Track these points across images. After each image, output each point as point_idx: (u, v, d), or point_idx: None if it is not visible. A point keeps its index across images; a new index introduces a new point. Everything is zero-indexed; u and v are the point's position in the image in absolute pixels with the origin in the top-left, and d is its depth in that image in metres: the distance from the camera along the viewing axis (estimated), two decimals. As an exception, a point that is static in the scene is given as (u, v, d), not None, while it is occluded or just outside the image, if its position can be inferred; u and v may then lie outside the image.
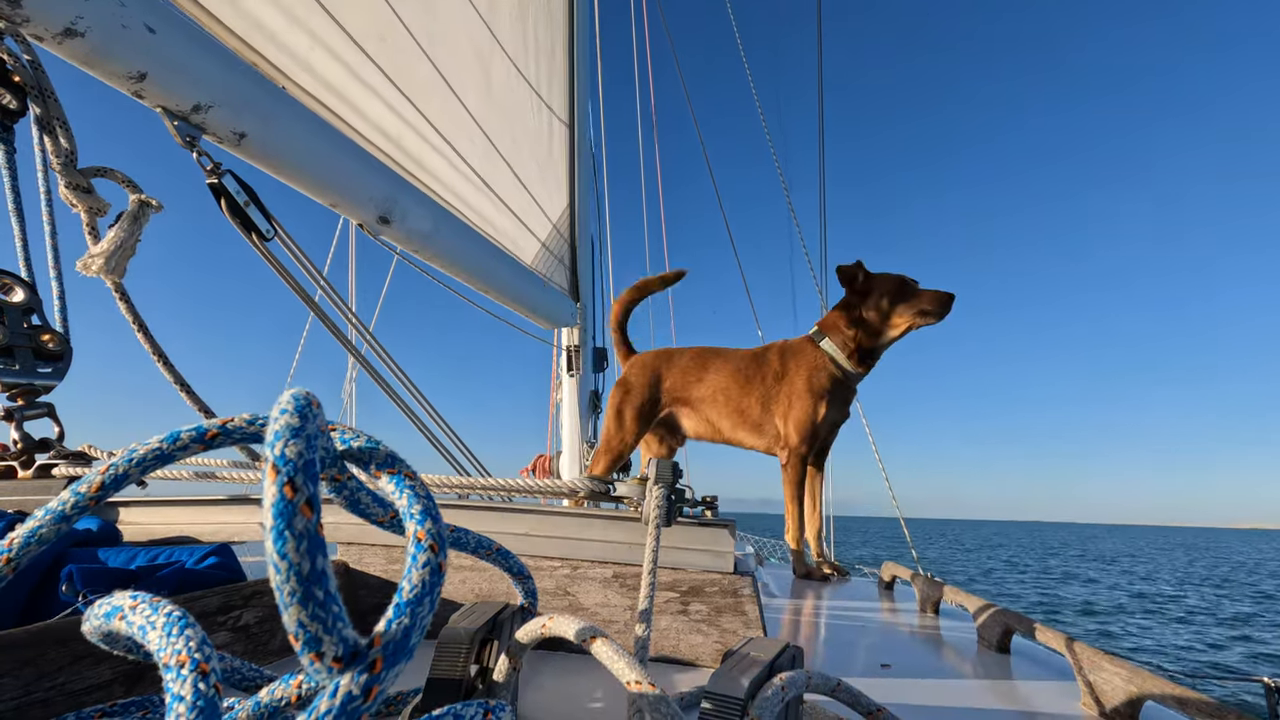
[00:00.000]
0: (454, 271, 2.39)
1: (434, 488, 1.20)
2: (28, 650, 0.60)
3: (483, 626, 0.66)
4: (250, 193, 1.52)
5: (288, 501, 0.30)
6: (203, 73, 1.41)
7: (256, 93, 1.55)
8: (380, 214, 1.95)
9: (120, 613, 0.37)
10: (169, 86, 1.35)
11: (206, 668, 0.32)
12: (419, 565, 0.38)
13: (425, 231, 2.14)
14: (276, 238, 1.57)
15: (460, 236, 2.34)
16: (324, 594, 0.31)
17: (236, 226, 1.51)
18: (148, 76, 1.31)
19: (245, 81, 1.53)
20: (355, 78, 2.02)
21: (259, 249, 1.54)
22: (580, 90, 3.57)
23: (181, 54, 1.37)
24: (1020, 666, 1.28)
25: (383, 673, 0.33)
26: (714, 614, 1.03)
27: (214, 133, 1.48)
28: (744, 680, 0.55)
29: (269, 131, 1.58)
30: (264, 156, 1.60)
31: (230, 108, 1.47)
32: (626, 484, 1.13)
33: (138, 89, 1.32)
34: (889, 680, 1.12)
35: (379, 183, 1.94)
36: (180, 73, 1.37)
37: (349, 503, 0.49)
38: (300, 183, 1.73)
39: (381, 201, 1.95)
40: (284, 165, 1.66)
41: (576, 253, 3.47)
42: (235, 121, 1.49)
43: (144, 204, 1.31)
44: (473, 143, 2.65)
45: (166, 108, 1.38)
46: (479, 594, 1.08)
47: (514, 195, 2.97)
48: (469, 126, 2.62)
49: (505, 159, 2.92)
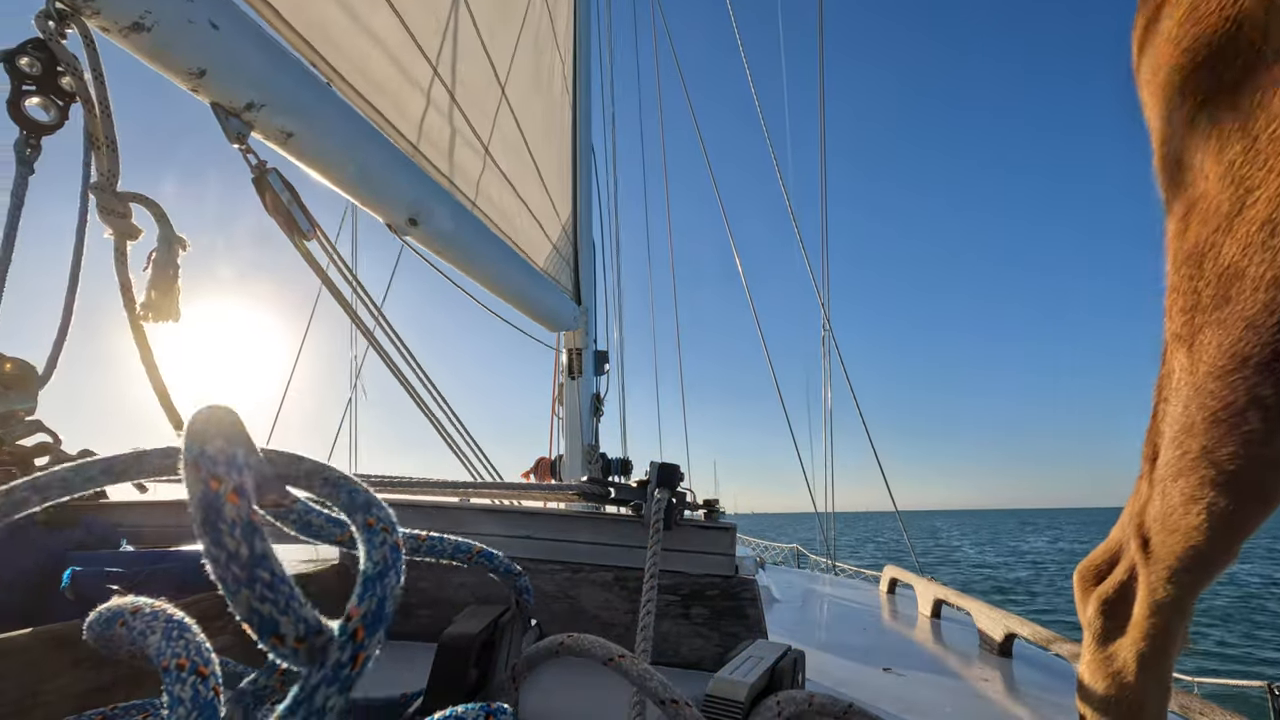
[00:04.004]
0: (470, 272, 2.40)
1: (436, 490, 1.20)
2: (29, 653, 0.61)
3: (484, 630, 0.66)
4: (293, 192, 1.54)
5: (212, 493, 0.30)
6: (259, 71, 1.42)
7: (307, 92, 1.57)
8: (410, 215, 1.97)
9: (121, 617, 0.37)
10: (226, 84, 1.36)
11: (206, 671, 0.33)
12: (377, 544, 0.38)
13: (449, 233, 2.15)
14: (315, 237, 1.59)
15: (481, 238, 2.36)
16: (270, 575, 0.30)
17: (278, 223, 1.53)
18: (207, 73, 1.31)
19: (297, 81, 1.54)
20: (405, 76, 2.03)
21: (298, 247, 1.56)
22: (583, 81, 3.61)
23: (241, 52, 1.38)
24: (1022, 670, 1.28)
25: (366, 640, 0.32)
26: (715, 617, 1.03)
27: (263, 130, 1.49)
28: (745, 684, 0.56)
29: (315, 131, 1.59)
30: (308, 155, 1.62)
31: (281, 106, 1.48)
32: (627, 487, 1.13)
33: (195, 85, 1.32)
34: (890, 683, 1.12)
35: (412, 184, 1.96)
36: (238, 71, 1.37)
37: (299, 526, 0.48)
38: (338, 181, 1.74)
39: (412, 203, 1.96)
40: (326, 164, 1.67)
41: (579, 255, 3.48)
42: (284, 120, 1.51)
43: (169, 242, 1.27)
44: (505, 140, 2.67)
45: (220, 104, 1.38)
46: (479, 596, 1.08)
47: (534, 195, 2.99)
48: (507, 123, 2.64)
49: (533, 157, 2.94)
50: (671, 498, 1.01)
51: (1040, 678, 1.25)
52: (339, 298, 1.66)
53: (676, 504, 1.02)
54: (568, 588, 1.07)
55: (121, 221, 1.23)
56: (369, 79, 1.89)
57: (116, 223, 1.22)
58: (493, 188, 2.63)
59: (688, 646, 1.03)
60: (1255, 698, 2.27)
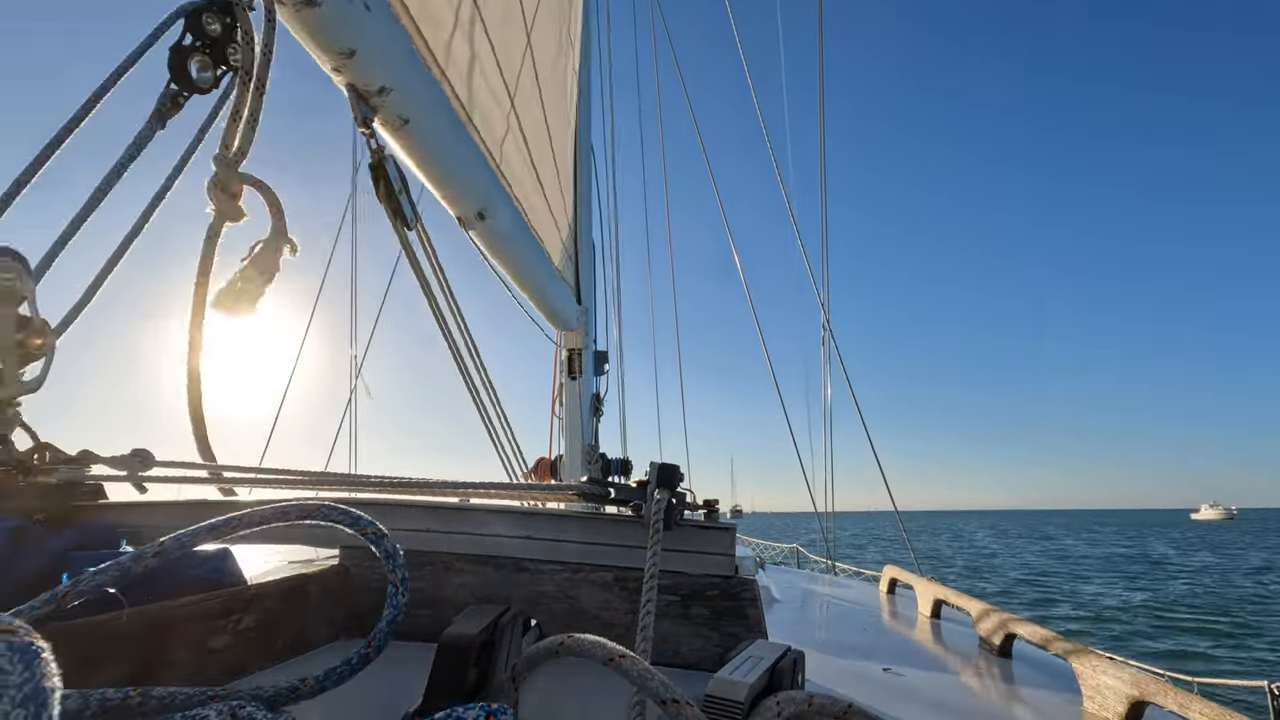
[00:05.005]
0: (508, 267, 2.45)
1: (437, 490, 1.20)
2: None
3: (484, 630, 0.66)
4: (404, 181, 1.54)
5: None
6: (395, 57, 1.45)
7: (423, 82, 1.59)
8: (479, 210, 2.01)
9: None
10: (369, 67, 1.37)
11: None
12: None
13: (505, 230, 2.21)
14: (417, 228, 1.60)
15: (523, 236, 2.42)
16: None
17: (386, 210, 1.53)
18: (356, 54, 1.32)
19: (418, 70, 1.57)
20: (483, 77, 2.09)
21: (400, 235, 1.56)
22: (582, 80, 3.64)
23: (384, 36, 1.40)
24: (1022, 670, 1.28)
25: None
26: (715, 617, 1.03)
27: (384, 115, 1.50)
28: (744, 684, 0.56)
29: (425, 121, 1.62)
30: (415, 144, 1.63)
31: (404, 94, 1.50)
32: (627, 487, 1.13)
33: (340, 65, 1.33)
34: (890, 683, 1.12)
35: (485, 181, 2.01)
36: (381, 54, 1.39)
37: None
38: (430, 172, 1.77)
39: (482, 199, 2.01)
40: (426, 154, 1.70)
41: (579, 255, 3.49)
42: (404, 108, 1.53)
43: (280, 237, 1.21)
44: (539, 139, 2.72)
45: (357, 86, 1.39)
46: (478, 596, 1.08)
47: (555, 195, 3.03)
48: (539, 125, 2.69)
49: (554, 157, 2.98)
50: (671, 498, 1.01)
51: (1039, 678, 1.25)
52: (426, 289, 1.67)
53: (676, 504, 1.02)
54: (567, 588, 1.08)
55: (231, 202, 1.18)
56: (461, 75, 1.94)
57: (226, 202, 1.17)
58: (529, 185, 2.68)
59: (687, 647, 1.03)
60: (1258, 706, 2.26)
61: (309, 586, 1.01)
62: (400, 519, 1.15)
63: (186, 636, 0.78)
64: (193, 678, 0.77)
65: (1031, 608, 15.58)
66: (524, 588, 1.08)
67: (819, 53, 4.29)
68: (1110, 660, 1.07)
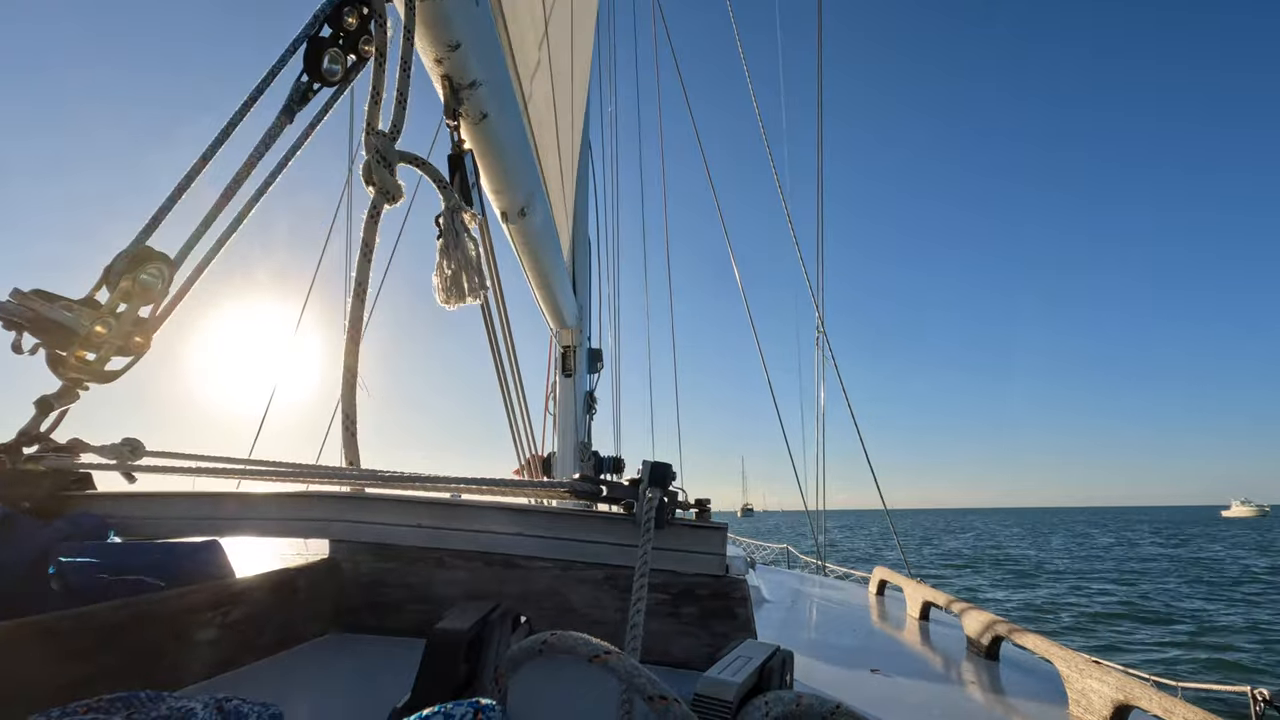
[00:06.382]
0: (531, 260, 2.51)
1: (427, 485, 1.19)
2: (15, 645, 0.60)
3: (473, 627, 0.66)
4: (477, 175, 1.57)
5: None
6: (489, 53, 1.49)
7: (505, 80, 1.65)
8: (523, 205, 2.07)
9: None
10: (470, 60, 1.41)
11: None
12: None
13: (539, 224, 2.26)
14: (479, 221, 1.63)
15: (549, 231, 2.48)
16: None
17: (449, 200, 1.57)
18: (461, 47, 1.35)
19: (502, 68, 1.62)
20: (544, 78, 2.18)
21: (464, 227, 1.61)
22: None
23: (485, 33, 1.44)
24: (1008, 673, 1.29)
25: None
26: (705, 617, 1.03)
27: (470, 108, 1.54)
28: (733, 684, 0.56)
29: (500, 118, 1.66)
30: (488, 138, 1.67)
31: (489, 90, 1.55)
32: (619, 485, 1.12)
33: (445, 56, 1.36)
34: (877, 684, 1.12)
35: (531, 178, 2.06)
36: (482, 49, 1.43)
37: None
38: (493, 165, 1.82)
39: (527, 195, 2.07)
40: (494, 149, 1.74)
41: (575, 252, 3.48)
42: (486, 103, 1.57)
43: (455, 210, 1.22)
44: (560, 139, 2.79)
45: (451, 78, 1.42)
46: (468, 593, 1.08)
47: (562, 192, 3.08)
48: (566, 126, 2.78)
49: (560, 153, 3.02)
50: (663, 497, 1.01)
51: (1026, 680, 1.26)
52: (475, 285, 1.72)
53: (668, 503, 1.02)
54: (558, 585, 1.07)
55: (390, 179, 1.19)
56: (528, 73, 2.01)
57: (386, 178, 1.18)
58: (555, 183, 2.74)
59: (677, 646, 1.03)
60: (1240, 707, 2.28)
61: (298, 580, 1.00)
62: (391, 514, 1.14)
63: (174, 628, 0.77)
64: (181, 670, 0.76)
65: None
66: (515, 584, 1.07)
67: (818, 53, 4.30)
68: (1096, 664, 1.08)
